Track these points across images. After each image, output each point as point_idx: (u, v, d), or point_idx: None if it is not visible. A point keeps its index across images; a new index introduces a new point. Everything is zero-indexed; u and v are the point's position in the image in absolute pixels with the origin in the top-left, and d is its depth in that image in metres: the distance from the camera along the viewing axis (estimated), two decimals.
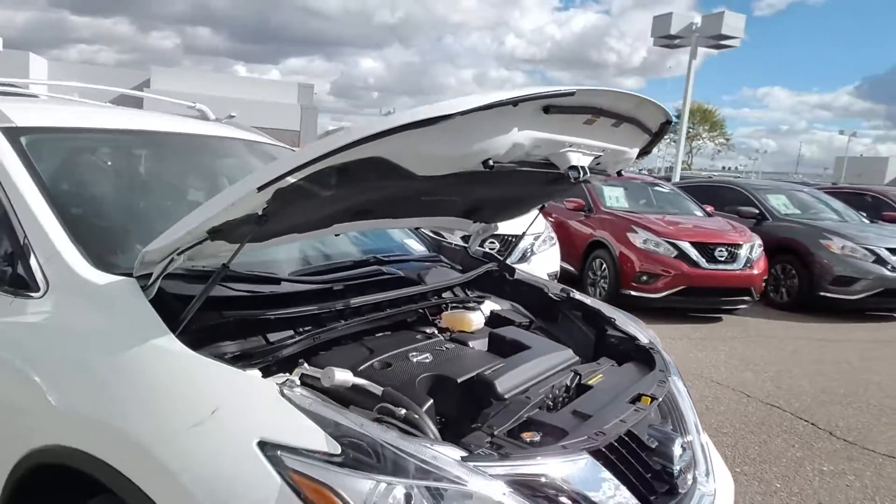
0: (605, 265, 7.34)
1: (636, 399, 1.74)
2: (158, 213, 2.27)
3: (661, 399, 1.80)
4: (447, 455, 1.28)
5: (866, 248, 7.61)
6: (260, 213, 1.41)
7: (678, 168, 20.40)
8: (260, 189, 1.33)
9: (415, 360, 1.77)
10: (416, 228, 2.79)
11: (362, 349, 1.83)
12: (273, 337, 1.70)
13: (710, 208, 8.52)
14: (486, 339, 2.11)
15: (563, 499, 1.32)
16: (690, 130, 42.17)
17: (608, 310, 2.43)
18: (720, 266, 6.99)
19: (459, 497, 1.24)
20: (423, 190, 1.71)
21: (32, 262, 1.73)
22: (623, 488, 1.44)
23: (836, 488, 3.29)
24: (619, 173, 2.08)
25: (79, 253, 1.71)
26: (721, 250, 7.05)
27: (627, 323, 2.35)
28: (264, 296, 1.76)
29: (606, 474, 1.43)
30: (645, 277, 6.92)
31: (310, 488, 1.20)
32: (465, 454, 1.30)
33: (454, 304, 2.32)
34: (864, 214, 9.35)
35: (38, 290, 1.68)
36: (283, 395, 1.33)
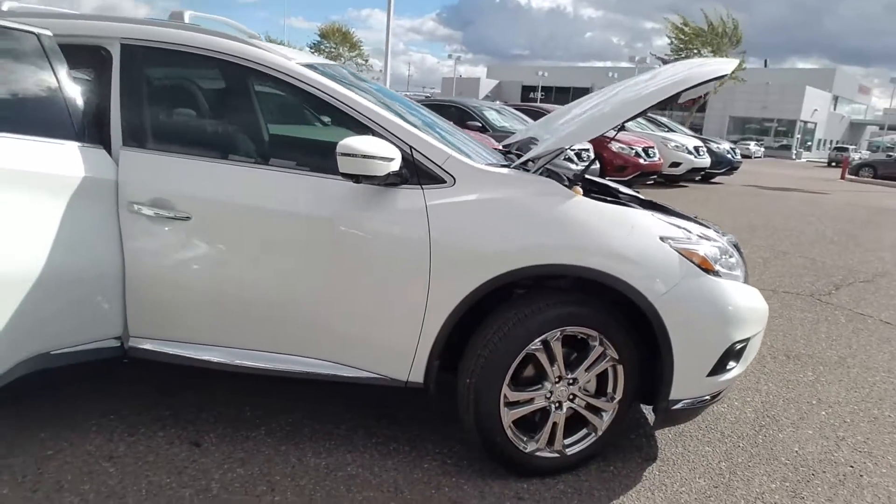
0: None
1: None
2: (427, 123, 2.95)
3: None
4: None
5: None
6: (620, 126, 2.56)
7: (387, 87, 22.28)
8: (642, 110, 2.49)
9: None
10: None
11: None
12: None
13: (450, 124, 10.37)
14: None
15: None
16: (333, 50, 44.41)
17: (608, 182, 3.95)
18: None
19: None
20: None
21: (427, 164, 2.46)
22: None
23: None
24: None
25: (462, 155, 2.53)
26: None
27: (620, 187, 3.89)
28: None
29: None
30: None
31: (689, 253, 2.45)
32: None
33: None
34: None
35: (444, 182, 2.44)
36: (652, 216, 2.56)
